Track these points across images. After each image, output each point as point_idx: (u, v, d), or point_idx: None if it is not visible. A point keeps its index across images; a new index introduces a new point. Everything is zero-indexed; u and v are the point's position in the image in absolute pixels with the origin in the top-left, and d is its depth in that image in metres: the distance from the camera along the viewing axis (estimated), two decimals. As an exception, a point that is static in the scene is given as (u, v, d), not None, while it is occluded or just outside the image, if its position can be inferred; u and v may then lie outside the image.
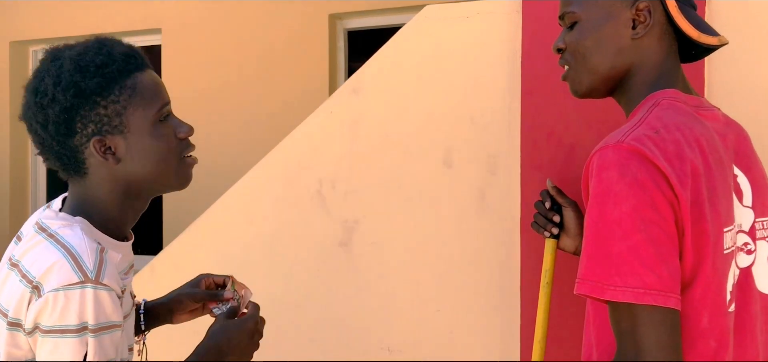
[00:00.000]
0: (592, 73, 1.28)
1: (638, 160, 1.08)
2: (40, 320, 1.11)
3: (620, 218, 1.06)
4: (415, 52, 2.03)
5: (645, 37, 1.24)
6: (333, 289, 2.10)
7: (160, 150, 1.22)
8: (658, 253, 1.06)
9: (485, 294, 1.96)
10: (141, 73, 1.22)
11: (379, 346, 2.06)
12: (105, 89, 1.17)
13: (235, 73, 4.45)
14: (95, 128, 1.18)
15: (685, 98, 1.23)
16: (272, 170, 2.17)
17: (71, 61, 1.19)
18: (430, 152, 2.00)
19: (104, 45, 1.23)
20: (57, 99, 1.16)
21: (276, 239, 2.17)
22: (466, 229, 1.97)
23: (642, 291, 1.04)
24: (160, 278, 2.31)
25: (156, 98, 1.22)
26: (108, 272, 1.14)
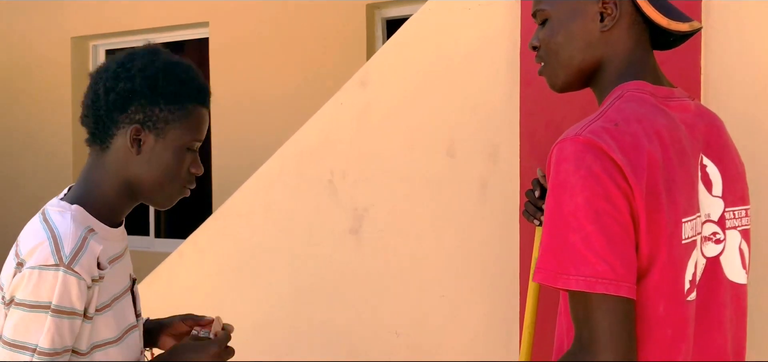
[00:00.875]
0: (566, 68, 1.31)
1: (594, 152, 1.10)
2: (15, 292, 1.22)
3: (575, 210, 1.09)
4: (419, 45, 2.09)
5: (613, 29, 1.26)
6: (344, 274, 2.20)
7: (171, 167, 1.34)
8: (611, 243, 1.09)
9: (487, 278, 2.02)
10: (200, 107, 1.37)
11: (387, 329, 2.14)
12: (170, 99, 1.32)
13: (278, 63, 4.58)
14: (142, 118, 1.31)
15: (652, 89, 1.24)
16: (286, 160, 2.28)
17: (164, 63, 1.34)
18: (435, 143, 2.06)
19: (193, 69, 1.39)
20: (134, 80, 1.30)
21: (291, 227, 2.28)
22: (468, 216, 2.03)
23: (593, 279, 1.08)
24: (187, 262, 2.46)
25: (195, 131, 1.35)
26: (83, 260, 1.23)
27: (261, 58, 4.64)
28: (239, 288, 2.37)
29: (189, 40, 5.13)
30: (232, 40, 4.75)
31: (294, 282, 2.27)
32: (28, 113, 5.56)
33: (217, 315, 1.50)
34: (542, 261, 1.14)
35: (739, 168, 1.34)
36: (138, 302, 1.48)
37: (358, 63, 4.29)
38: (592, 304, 1.09)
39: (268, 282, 2.32)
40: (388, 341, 2.14)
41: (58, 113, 5.40)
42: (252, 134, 4.58)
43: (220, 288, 2.40)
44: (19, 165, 5.57)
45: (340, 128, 2.20)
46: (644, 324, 1.16)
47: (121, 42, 5.41)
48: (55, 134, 5.42)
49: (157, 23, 5.08)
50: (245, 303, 2.37)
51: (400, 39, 2.12)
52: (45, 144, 5.46)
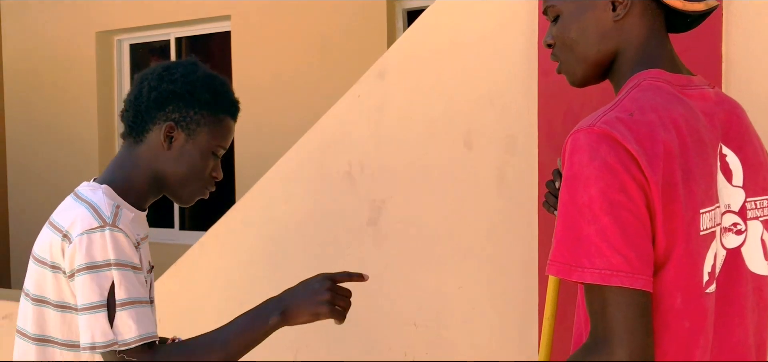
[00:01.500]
0: (582, 63, 1.29)
1: (608, 143, 1.09)
2: (73, 263, 1.33)
3: (589, 201, 1.08)
4: (436, 36, 2.08)
5: (626, 18, 1.23)
6: (362, 265, 2.20)
7: (196, 167, 1.48)
8: (626, 236, 1.08)
9: (505, 270, 2.01)
10: (229, 119, 1.52)
11: (406, 321, 2.15)
12: (205, 105, 1.47)
13: (299, 55, 4.60)
14: (177, 117, 1.45)
15: (669, 77, 1.22)
16: (305, 152, 2.29)
17: (205, 74, 1.50)
18: (452, 134, 2.06)
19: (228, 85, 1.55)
20: (176, 83, 1.46)
21: (309, 219, 2.29)
22: (486, 208, 2.02)
23: (608, 272, 1.06)
24: (208, 253, 2.49)
25: (222, 139, 1.50)
26: (123, 222, 1.36)
27: (283, 51, 4.66)
28: (258, 279, 2.39)
29: (211, 34, 5.17)
30: (254, 34, 4.77)
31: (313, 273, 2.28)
32: (53, 107, 5.65)
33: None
34: (556, 254, 1.12)
35: (760, 157, 1.31)
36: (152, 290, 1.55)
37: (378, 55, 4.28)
38: (607, 297, 1.07)
39: (287, 273, 2.32)
40: (406, 332, 2.15)
41: (84, 107, 5.48)
42: (274, 126, 4.60)
43: (240, 279, 2.42)
44: (45, 159, 5.66)
45: (358, 120, 2.20)
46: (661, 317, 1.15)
47: (145, 36, 5.47)
48: (81, 127, 5.49)
49: (180, 17, 5.12)
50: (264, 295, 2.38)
51: (418, 30, 2.11)
52: (70, 138, 5.54)
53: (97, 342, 1.30)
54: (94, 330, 1.30)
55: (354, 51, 4.37)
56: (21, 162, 5.80)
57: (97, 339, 1.30)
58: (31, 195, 5.71)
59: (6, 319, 3.01)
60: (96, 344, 1.30)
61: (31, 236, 5.97)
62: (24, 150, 5.78)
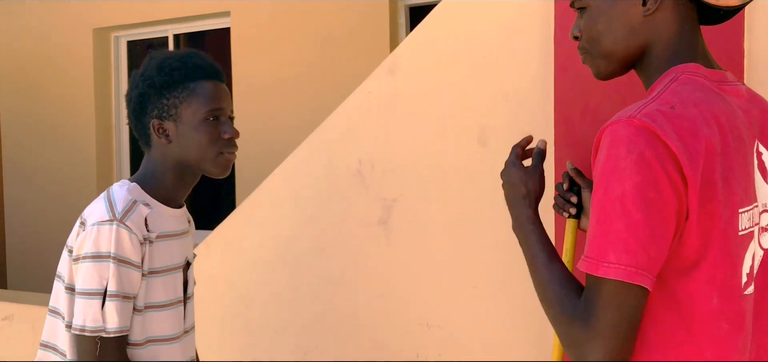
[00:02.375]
0: (609, 57, 1.26)
1: (647, 137, 1.06)
2: (81, 249, 1.46)
3: (622, 196, 1.05)
4: (449, 31, 2.04)
5: (657, 12, 1.20)
6: (373, 265, 2.16)
7: (199, 141, 1.54)
8: (654, 234, 1.05)
9: (520, 270, 1.96)
10: (204, 81, 1.55)
11: (418, 322, 2.11)
12: (170, 86, 1.53)
13: (300, 53, 4.55)
14: (157, 113, 1.54)
15: (706, 72, 1.19)
16: (314, 150, 2.24)
17: (157, 60, 1.57)
18: (465, 130, 2.01)
19: (187, 55, 1.58)
20: (139, 86, 1.56)
21: (319, 217, 2.24)
22: (500, 207, 1.97)
23: (633, 269, 1.04)
24: (214, 253, 2.44)
25: (208, 102, 1.54)
26: (133, 218, 1.47)
27: (283, 46, 4.61)
28: (266, 279, 2.34)
29: (210, 31, 5.11)
30: (254, 30, 4.72)
31: (322, 274, 2.24)
32: (49, 105, 5.58)
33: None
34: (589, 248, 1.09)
35: None
36: (189, 284, 1.65)
37: (381, 51, 4.25)
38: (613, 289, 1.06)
39: (296, 273, 2.29)
40: (418, 333, 2.11)
41: (80, 105, 5.42)
42: (274, 123, 4.55)
43: (246, 279, 2.38)
44: (41, 157, 5.60)
45: (367, 116, 2.16)
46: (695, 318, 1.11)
47: (143, 33, 5.41)
48: (78, 126, 5.43)
49: (178, 14, 5.06)
50: (272, 295, 2.34)
51: (430, 24, 2.07)
52: (67, 136, 5.48)
53: (87, 325, 1.42)
54: (87, 314, 1.42)
55: (356, 48, 4.33)
56: (17, 161, 5.74)
57: (87, 323, 1.42)
58: (27, 194, 5.65)
59: (6, 320, 2.96)
60: (86, 327, 1.42)
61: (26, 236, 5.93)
62: (20, 149, 5.71)
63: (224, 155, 1.56)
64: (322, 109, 4.36)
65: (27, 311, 2.92)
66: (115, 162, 5.51)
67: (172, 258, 1.57)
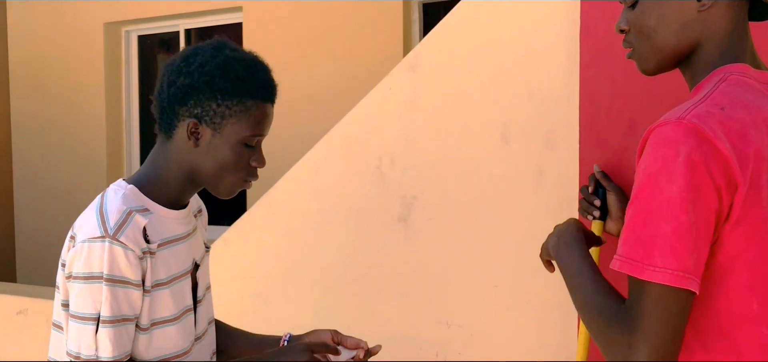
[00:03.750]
0: (658, 52, 1.22)
1: (696, 139, 1.04)
2: (72, 268, 1.32)
3: (669, 198, 1.03)
4: (472, 27, 2.02)
5: (713, 8, 1.16)
6: (392, 263, 2.14)
7: (228, 162, 1.38)
8: (699, 237, 1.04)
9: (543, 270, 1.94)
10: (261, 103, 1.39)
11: (438, 320, 2.09)
12: (226, 95, 1.35)
13: (312, 49, 4.53)
14: (199, 112, 1.35)
15: (755, 73, 1.17)
16: (333, 146, 2.23)
17: (224, 58, 1.37)
18: (488, 128, 1.99)
19: (256, 65, 1.41)
20: (193, 75, 1.35)
21: (337, 215, 2.23)
22: (523, 206, 1.96)
23: (680, 273, 1.03)
24: (232, 250, 2.43)
25: (254, 127, 1.38)
26: (128, 232, 1.31)
27: (295, 42, 4.59)
28: (284, 276, 2.33)
29: (222, 25, 5.10)
30: (266, 25, 4.70)
31: (341, 271, 2.23)
32: (60, 100, 5.57)
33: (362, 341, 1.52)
34: (628, 249, 1.07)
35: None
36: (200, 287, 1.50)
37: (394, 47, 4.22)
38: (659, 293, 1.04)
39: (314, 270, 2.27)
40: (438, 332, 2.09)
41: (91, 100, 5.40)
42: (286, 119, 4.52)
43: (264, 276, 2.36)
44: (51, 153, 5.59)
45: (388, 113, 2.14)
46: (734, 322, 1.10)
47: (154, 28, 5.39)
48: (88, 121, 5.42)
49: (190, 8, 5.05)
50: (290, 293, 2.33)
51: (452, 20, 2.05)
52: (78, 131, 5.47)
53: (82, 353, 1.30)
54: (81, 340, 1.30)
55: (369, 45, 4.30)
56: (27, 157, 5.73)
57: (82, 350, 1.30)
58: (37, 190, 5.64)
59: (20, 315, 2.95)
60: (81, 354, 1.30)
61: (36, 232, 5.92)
62: (30, 144, 5.71)
63: (244, 183, 1.42)
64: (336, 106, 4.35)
65: (41, 305, 2.91)
66: (126, 157, 5.50)
67: (178, 265, 1.42)
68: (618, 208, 1.63)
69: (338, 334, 1.55)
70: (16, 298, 3.01)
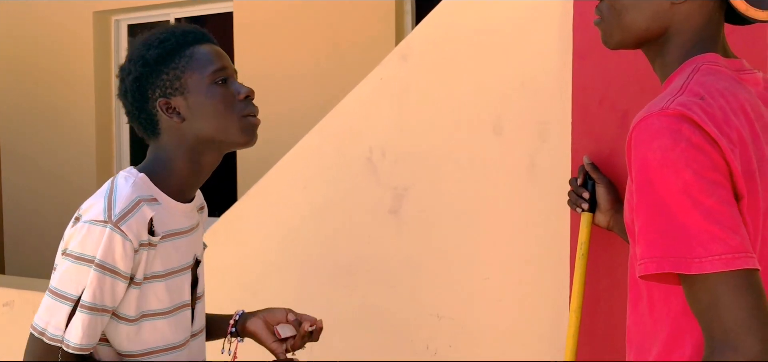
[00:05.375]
0: (624, 31, 1.21)
1: (688, 124, 1.01)
2: (68, 243, 1.31)
3: (685, 186, 0.99)
4: (464, 16, 1.99)
5: (686, 3, 1.15)
6: (383, 255, 2.12)
7: (215, 107, 1.38)
8: (733, 213, 0.99)
9: (535, 262, 1.93)
10: (199, 45, 1.41)
11: (429, 313, 2.07)
12: (166, 58, 1.38)
13: (304, 37, 4.50)
14: (161, 92, 1.38)
15: (725, 62, 1.15)
16: (324, 137, 2.20)
17: (142, 40, 1.42)
18: (480, 119, 1.97)
19: (170, 27, 1.45)
20: (131, 71, 1.40)
21: (327, 207, 2.20)
22: (515, 197, 1.94)
23: (730, 256, 0.96)
24: (220, 242, 2.40)
25: (211, 64, 1.39)
26: (132, 222, 1.29)
27: (287, 32, 4.56)
28: (274, 269, 2.31)
29: (212, 15, 5.05)
30: (257, 14, 4.66)
31: (331, 264, 2.20)
32: (48, 90, 5.51)
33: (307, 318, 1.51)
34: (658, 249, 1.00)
35: None
36: (200, 283, 1.50)
37: (385, 36, 4.20)
38: (723, 286, 0.96)
39: (304, 262, 2.25)
40: (429, 324, 2.07)
41: (80, 90, 5.35)
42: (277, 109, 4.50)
43: (254, 268, 2.34)
44: (39, 143, 5.53)
45: (379, 103, 2.11)
46: None
47: (143, 17, 5.34)
48: (77, 111, 5.37)
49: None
50: (280, 285, 2.30)
51: (444, 9, 2.02)
52: (66, 121, 5.42)
53: (48, 330, 1.28)
54: (51, 318, 1.29)
55: (361, 35, 4.28)
56: (15, 147, 5.67)
57: (50, 328, 1.28)
58: (26, 181, 5.59)
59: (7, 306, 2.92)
60: (47, 331, 1.28)
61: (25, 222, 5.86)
62: (18, 134, 5.65)
63: (247, 119, 1.40)
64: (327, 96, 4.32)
65: (28, 296, 2.88)
66: (115, 148, 5.45)
67: (178, 259, 1.41)
68: (607, 200, 1.61)
69: (292, 312, 1.55)
70: (4, 289, 2.97)
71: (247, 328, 1.56)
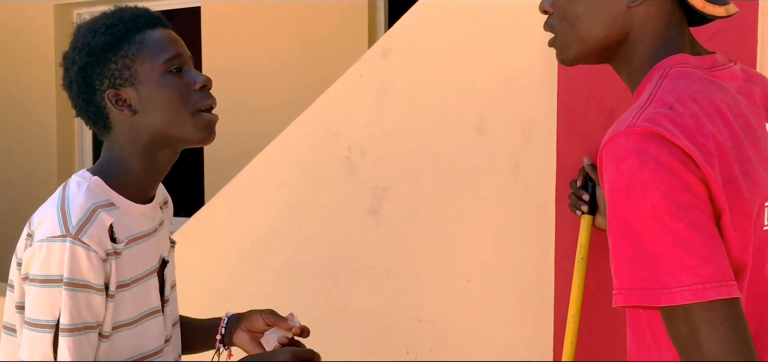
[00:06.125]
0: (581, 42, 1.14)
1: (656, 141, 0.95)
2: (29, 268, 1.20)
3: (653, 210, 0.93)
4: (446, 13, 1.94)
5: (643, 5, 1.09)
6: (362, 257, 2.06)
7: (170, 99, 1.27)
8: (706, 239, 0.93)
9: (518, 265, 1.89)
10: (151, 30, 1.29)
11: (409, 316, 2.02)
12: (114, 46, 1.26)
13: (273, 33, 4.41)
14: (109, 83, 1.26)
15: (695, 61, 1.09)
16: (300, 135, 2.13)
17: (86, 26, 1.31)
18: (463, 118, 1.92)
19: (117, 10, 1.32)
20: (76, 60, 1.28)
21: (304, 207, 2.13)
22: (499, 198, 1.90)
23: (700, 286, 0.91)
24: (191, 243, 2.31)
25: (164, 51, 1.28)
26: (92, 231, 1.19)
27: (256, 27, 4.46)
28: (248, 272, 2.22)
29: (179, 9, 4.92)
30: (226, 11, 4.55)
31: (307, 266, 2.13)
32: (8, 84, 5.33)
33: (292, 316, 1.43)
34: (628, 278, 0.96)
35: None
36: (167, 285, 1.40)
37: (358, 33, 4.13)
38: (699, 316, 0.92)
39: (280, 265, 2.17)
40: (409, 328, 2.02)
41: (41, 84, 5.17)
42: (246, 106, 4.40)
43: (227, 271, 2.26)
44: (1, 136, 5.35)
45: (359, 101, 2.05)
46: None
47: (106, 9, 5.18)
48: (38, 106, 5.19)
49: (145, -9, 4.86)
50: (254, 289, 2.22)
51: (426, 5, 1.97)
52: (27, 117, 5.23)
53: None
54: (35, 349, 1.19)
55: (332, 28, 4.20)
56: (-29, 142, 5.47)
57: (36, 358, 1.19)
58: (-17, 178, 5.39)
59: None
60: None
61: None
62: (-26, 129, 5.45)
63: (203, 115, 1.29)
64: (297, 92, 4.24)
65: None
66: (77, 146, 5.29)
67: (144, 264, 1.32)
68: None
69: (272, 315, 1.47)
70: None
71: (233, 342, 1.49)
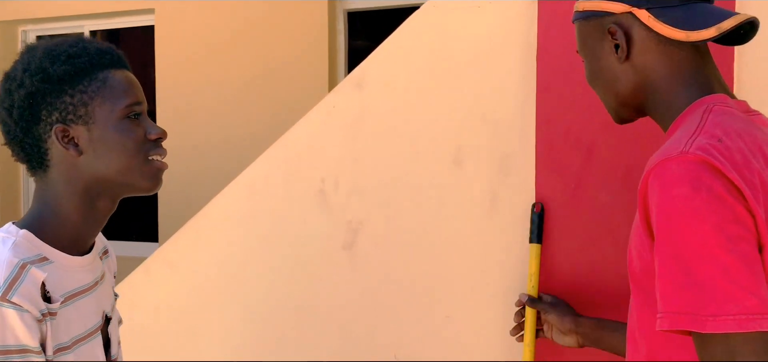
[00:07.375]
0: (609, 105, 1.26)
1: (709, 171, 0.97)
2: None
3: (704, 239, 0.95)
4: (423, 44, 1.91)
5: (636, 56, 1.16)
6: (336, 293, 2.01)
7: (124, 146, 1.19)
8: (752, 272, 0.95)
9: (496, 300, 1.87)
10: (115, 71, 1.22)
11: (386, 353, 1.97)
12: (74, 78, 1.17)
13: (231, 55, 4.32)
14: (59, 116, 1.17)
15: (734, 103, 1.13)
16: (272, 167, 2.06)
17: (44, 49, 1.19)
18: (439, 151, 1.89)
19: (81, 41, 1.23)
20: (24, 83, 1.16)
21: (275, 241, 2.07)
22: (476, 233, 1.87)
23: (744, 317, 0.93)
24: (155, 278, 2.21)
25: (126, 96, 1.21)
26: (22, 290, 1.09)
27: (212, 49, 4.36)
28: (215, 309, 2.14)
29: (131, 28, 4.78)
30: (181, 30, 4.45)
31: (278, 303, 2.06)
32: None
33: None
34: (674, 304, 0.97)
35: None
36: (113, 346, 1.29)
37: (318, 57, 4.08)
38: (737, 346, 0.93)
39: (249, 302, 2.10)
40: (385, 366, 1.97)
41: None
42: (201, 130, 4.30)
43: (193, 309, 2.17)
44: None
45: (332, 132, 2.00)
46: None
47: (54, 28, 5.01)
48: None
49: (95, 9, 4.71)
50: (221, 325, 2.14)
51: (402, 35, 1.94)
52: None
53: None
54: None
55: (291, 52, 4.14)
56: None
57: None
58: None
59: None
60: None
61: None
62: None
63: (153, 163, 1.23)
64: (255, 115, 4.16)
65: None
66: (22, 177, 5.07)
67: (84, 323, 1.22)
68: (565, 322, 1.62)
69: None
70: None
71: None
